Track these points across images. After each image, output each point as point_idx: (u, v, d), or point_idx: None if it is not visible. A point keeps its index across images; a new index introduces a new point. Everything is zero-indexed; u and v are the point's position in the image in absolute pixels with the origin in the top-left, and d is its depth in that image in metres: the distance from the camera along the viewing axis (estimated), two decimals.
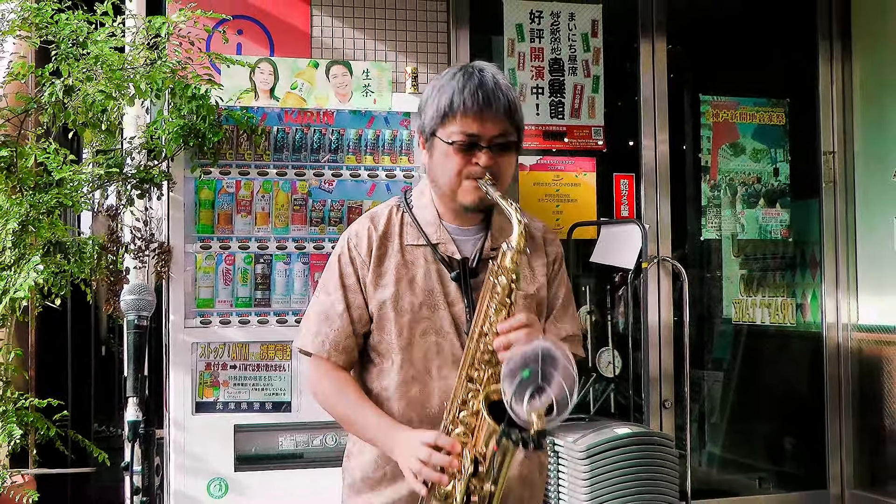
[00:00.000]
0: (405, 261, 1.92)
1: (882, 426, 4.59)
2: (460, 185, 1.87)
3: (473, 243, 1.95)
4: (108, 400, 4.68)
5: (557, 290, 2.02)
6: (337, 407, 1.96)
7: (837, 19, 4.86)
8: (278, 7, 4.10)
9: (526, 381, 1.58)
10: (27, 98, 3.23)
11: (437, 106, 1.87)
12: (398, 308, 1.90)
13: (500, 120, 1.85)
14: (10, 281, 2.89)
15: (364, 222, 1.98)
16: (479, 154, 1.84)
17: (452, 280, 1.90)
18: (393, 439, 1.84)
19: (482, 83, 1.84)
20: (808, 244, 4.99)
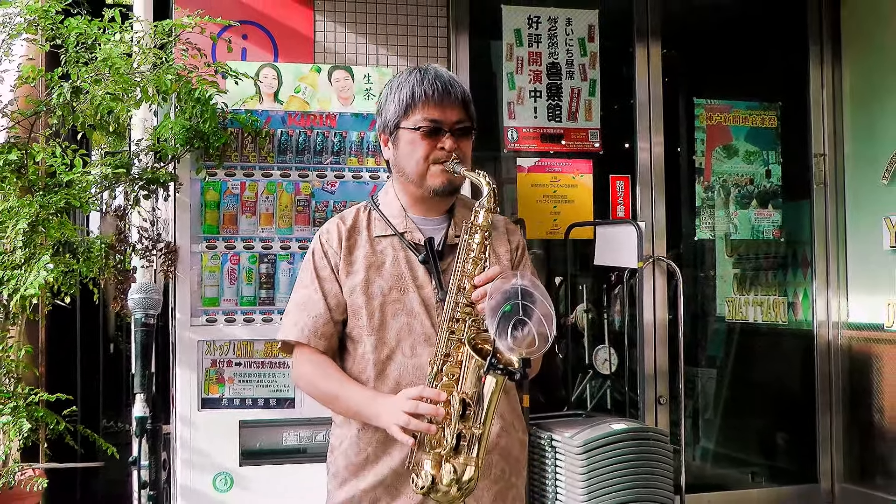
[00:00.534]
0: (374, 250, 2.00)
1: (871, 422, 4.59)
2: (428, 169, 1.96)
3: (438, 231, 2.02)
4: (116, 396, 4.68)
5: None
6: (320, 386, 2.00)
7: (828, 25, 4.86)
8: (282, 13, 4.10)
9: (508, 314, 1.65)
10: (37, 101, 3.22)
11: (398, 100, 1.97)
12: (369, 293, 1.95)
13: (458, 107, 1.96)
14: (20, 280, 2.89)
15: (333, 220, 2.07)
16: (444, 139, 1.94)
17: (420, 262, 1.97)
18: (377, 405, 1.89)
19: (438, 75, 1.97)
20: (799, 244, 4.99)
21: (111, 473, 4.06)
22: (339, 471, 1.99)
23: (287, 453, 3.38)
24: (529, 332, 1.65)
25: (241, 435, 3.34)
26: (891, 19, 4.53)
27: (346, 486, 1.97)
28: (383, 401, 1.87)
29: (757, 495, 4.73)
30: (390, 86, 2.02)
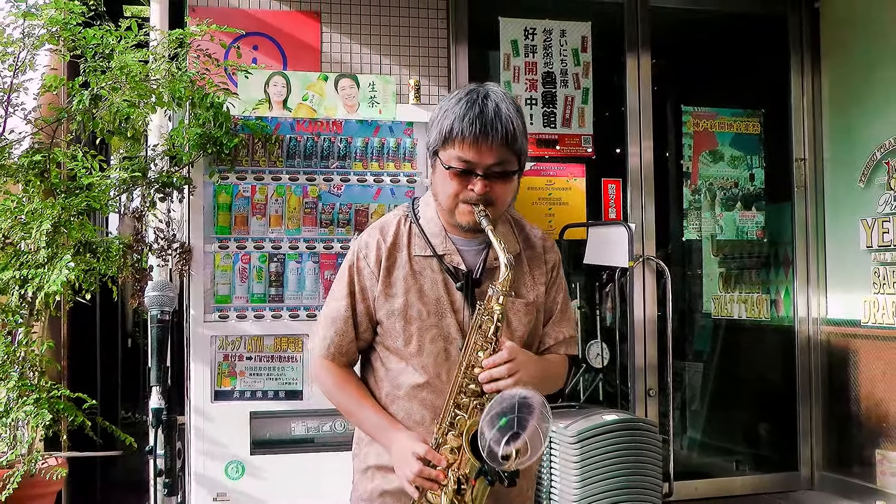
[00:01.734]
0: (413, 271, 1.88)
1: (849, 412, 4.59)
2: (456, 206, 1.82)
3: (477, 253, 1.90)
4: (133, 389, 4.67)
5: (556, 296, 1.99)
6: (337, 399, 1.96)
7: (807, 36, 4.86)
8: (291, 24, 4.09)
9: (503, 428, 1.60)
10: (59, 108, 3.22)
11: (440, 128, 1.81)
12: (407, 317, 1.86)
13: (496, 149, 1.76)
14: (44, 278, 2.88)
15: (374, 234, 1.92)
16: (475, 181, 1.78)
17: (457, 290, 1.86)
18: (389, 438, 1.84)
19: (482, 113, 1.76)
20: (781, 244, 4.99)
21: (129, 462, 4.05)
22: (370, 466, 1.94)
23: (295, 443, 3.38)
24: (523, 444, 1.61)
25: (252, 425, 3.34)
26: (867, 31, 4.53)
27: (374, 482, 1.93)
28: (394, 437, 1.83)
29: (741, 482, 4.73)
30: (441, 106, 1.84)
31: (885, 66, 4.40)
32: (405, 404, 1.88)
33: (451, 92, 1.89)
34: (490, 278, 1.84)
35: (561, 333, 1.98)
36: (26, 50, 3.04)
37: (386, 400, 1.90)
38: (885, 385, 4.38)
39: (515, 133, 1.79)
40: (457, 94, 1.84)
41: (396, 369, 1.89)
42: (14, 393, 3.01)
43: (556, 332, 1.98)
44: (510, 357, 1.73)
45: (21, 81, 3.09)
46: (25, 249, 3.08)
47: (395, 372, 1.89)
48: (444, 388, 1.84)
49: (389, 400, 1.90)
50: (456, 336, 1.85)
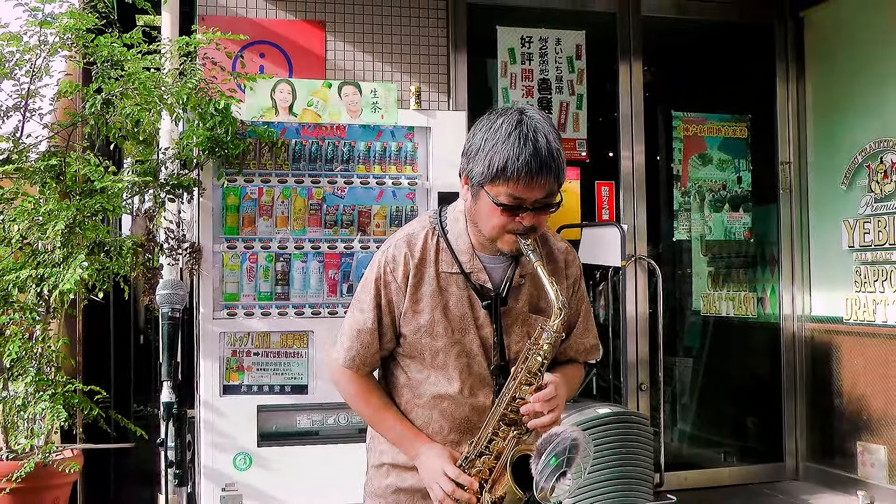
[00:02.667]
0: (440, 287, 1.82)
1: (831, 406, 4.59)
2: (501, 236, 1.75)
3: (503, 270, 1.84)
4: (145, 383, 4.67)
5: (578, 307, 1.95)
6: (362, 410, 1.93)
7: (792, 45, 4.86)
8: (296, 33, 4.08)
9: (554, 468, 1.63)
10: (73, 113, 3.21)
11: (489, 163, 1.69)
12: (433, 333, 1.82)
13: (548, 185, 1.70)
14: (59, 276, 2.87)
15: (401, 247, 1.84)
16: (524, 215, 1.71)
17: (483, 308, 1.81)
18: (416, 449, 1.82)
19: (537, 151, 1.67)
20: (767, 244, 4.99)
21: (141, 454, 4.04)
22: (385, 463, 1.92)
23: (301, 435, 3.37)
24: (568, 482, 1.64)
25: (259, 418, 3.33)
26: (849, 41, 4.53)
27: (388, 479, 1.91)
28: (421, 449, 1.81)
29: (729, 473, 4.73)
30: (486, 135, 1.72)
31: (867, 74, 4.40)
32: (425, 412, 1.85)
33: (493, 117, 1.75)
34: (515, 296, 1.82)
35: (583, 344, 1.96)
36: (42, 57, 3.04)
37: (406, 407, 1.87)
38: (865, 380, 4.38)
39: (563, 164, 1.73)
40: (502, 125, 1.71)
41: (418, 378, 1.86)
42: (31, 388, 3.01)
43: (579, 344, 1.96)
44: (555, 394, 1.72)
45: (37, 87, 3.08)
46: (42, 249, 3.07)
47: (417, 381, 1.86)
48: (464, 401, 1.82)
49: (409, 407, 1.87)
50: (478, 352, 1.82)
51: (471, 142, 1.76)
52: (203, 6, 3.95)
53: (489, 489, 1.73)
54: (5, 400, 3.08)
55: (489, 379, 1.82)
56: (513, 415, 1.73)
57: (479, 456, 1.75)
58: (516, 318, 1.83)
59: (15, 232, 3.05)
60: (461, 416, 1.82)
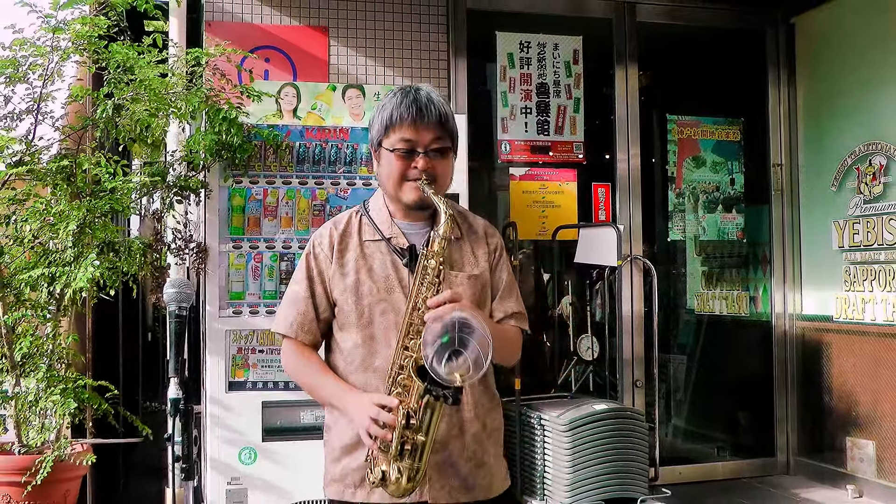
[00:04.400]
0: (364, 254, 1.95)
1: (822, 402, 4.60)
2: (402, 186, 1.91)
3: (422, 236, 1.95)
4: (153, 380, 4.66)
5: (501, 275, 2.04)
6: (303, 377, 1.99)
7: (784, 50, 4.87)
8: (300, 38, 4.09)
9: (444, 345, 1.63)
10: (84, 117, 3.22)
11: (380, 120, 1.92)
12: (358, 293, 1.91)
13: (433, 128, 1.89)
14: (70, 275, 2.88)
15: (328, 225, 2.02)
16: (417, 159, 1.89)
17: (404, 266, 1.92)
18: (347, 401, 1.87)
19: (416, 99, 1.89)
20: (759, 245, 4.99)
21: (149, 448, 4.05)
22: (335, 449, 1.97)
23: (304, 430, 3.37)
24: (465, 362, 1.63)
25: (264, 414, 3.33)
26: (839, 46, 4.54)
27: (340, 463, 1.95)
28: (351, 398, 1.86)
29: (722, 467, 4.73)
30: (379, 104, 1.96)
31: (856, 79, 4.41)
32: (360, 376, 1.90)
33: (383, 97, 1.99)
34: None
35: (509, 307, 2.02)
36: (54, 61, 3.04)
37: (343, 375, 1.94)
38: (854, 377, 4.39)
39: (447, 114, 1.92)
40: (390, 92, 1.96)
41: (349, 346, 1.93)
42: (43, 383, 3.01)
43: (504, 307, 2.02)
44: (453, 297, 1.77)
45: (49, 91, 3.08)
46: (53, 249, 3.08)
47: (349, 349, 1.93)
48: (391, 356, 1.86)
49: (345, 375, 1.93)
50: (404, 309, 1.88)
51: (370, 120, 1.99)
52: (210, 12, 3.96)
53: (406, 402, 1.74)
54: (18, 396, 3.09)
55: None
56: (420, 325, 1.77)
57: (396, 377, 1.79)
58: None
59: (27, 232, 3.06)
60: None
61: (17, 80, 3.04)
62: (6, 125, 3.09)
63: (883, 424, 4.21)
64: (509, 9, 4.50)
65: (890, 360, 4.16)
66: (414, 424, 1.73)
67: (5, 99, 3.09)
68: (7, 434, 3.21)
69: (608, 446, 3.44)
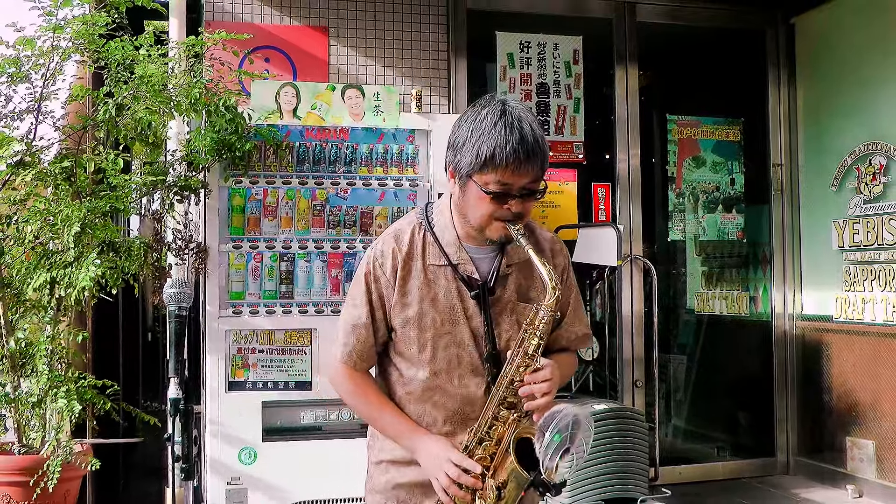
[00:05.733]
0: (428, 280, 1.82)
1: (821, 402, 4.59)
2: (490, 224, 1.75)
3: (490, 261, 1.84)
4: (153, 379, 4.66)
5: (567, 296, 1.92)
6: (360, 407, 1.92)
7: (784, 50, 4.87)
8: (300, 38, 4.08)
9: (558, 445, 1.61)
10: (85, 117, 3.21)
11: (476, 152, 1.70)
12: (422, 325, 1.81)
13: (534, 172, 1.71)
14: (72, 276, 2.87)
15: (389, 242, 1.85)
16: (512, 202, 1.72)
17: (471, 298, 1.80)
18: (414, 441, 1.81)
19: (523, 139, 1.69)
20: (759, 245, 4.99)
21: (149, 448, 4.04)
22: (384, 460, 1.91)
23: (304, 430, 3.37)
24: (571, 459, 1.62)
25: (264, 414, 3.33)
26: (839, 46, 4.53)
27: (387, 475, 1.89)
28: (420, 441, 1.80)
29: (722, 467, 4.73)
30: (472, 126, 1.72)
31: (856, 79, 4.41)
32: (418, 407, 1.84)
33: (476, 109, 1.76)
34: (502, 285, 1.81)
35: (574, 333, 1.95)
36: (55, 61, 3.04)
37: (400, 402, 1.86)
38: (854, 377, 4.38)
39: (547, 152, 1.75)
40: (487, 115, 1.72)
41: (409, 374, 1.85)
42: (46, 385, 3.00)
43: (570, 333, 1.94)
44: (551, 376, 1.70)
45: (51, 91, 3.07)
46: (54, 249, 3.07)
47: (409, 377, 1.85)
48: (455, 391, 1.81)
49: (403, 402, 1.86)
50: (468, 342, 1.81)
51: (456, 134, 1.77)
52: (210, 12, 3.95)
53: (492, 474, 1.71)
54: (19, 397, 3.08)
55: (481, 369, 1.80)
56: (511, 398, 1.72)
57: (479, 442, 1.74)
58: (505, 306, 1.82)
59: (28, 232, 3.05)
60: (453, 407, 1.81)
61: (19, 79, 3.03)
62: (7, 124, 3.08)
63: (883, 424, 4.20)
64: (509, 9, 4.49)
65: (890, 360, 4.15)
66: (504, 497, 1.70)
67: (6, 98, 3.08)
68: (7, 434, 3.20)
69: (608, 446, 3.44)
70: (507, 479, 1.71)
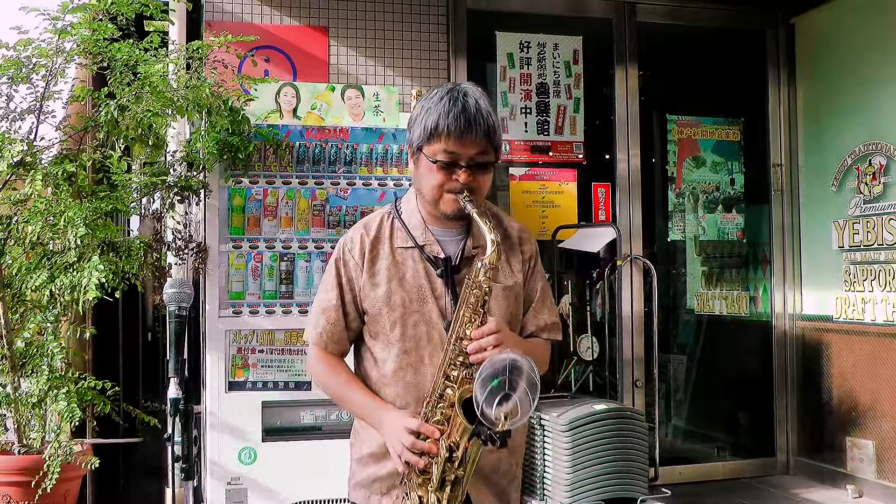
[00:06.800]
0: (395, 261, 1.89)
1: (821, 402, 4.59)
2: (441, 196, 1.84)
3: (456, 244, 1.91)
4: (153, 380, 4.66)
5: (534, 285, 1.98)
6: (329, 386, 1.95)
7: (783, 50, 4.87)
8: (300, 38, 4.08)
9: (495, 389, 1.59)
10: (86, 117, 3.21)
11: (424, 125, 1.82)
12: (391, 304, 1.86)
13: (479, 142, 1.80)
14: (74, 278, 2.87)
15: (358, 229, 1.94)
16: (459, 172, 1.81)
17: (438, 276, 1.86)
18: (379, 418, 1.83)
19: (465, 108, 1.79)
20: (759, 245, 4.99)
21: (149, 448, 4.04)
22: (364, 456, 1.94)
23: (304, 430, 3.38)
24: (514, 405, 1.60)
25: (264, 414, 3.34)
26: (839, 46, 4.54)
27: (368, 469, 1.93)
28: (384, 416, 1.82)
29: (722, 467, 4.73)
30: (422, 105, 1.86)
31: (856, 79, 4.41)
32: (391, 390, 1.87)
33: (429, 92, 1.88)
34: (468, 266, 1.86)
35: (542, 320, 1.98)
36: (58, 62, 3.04)
37: (375, 387, 1.90)
38: (854, 377, 4.38)
39: (494, 127, 1.83)
40: (436, 93, 1.85)
41: (382, 357, 1.89)
42: (46, 385, 3.00)
43: (538, 319, 1.97)
44: (497, 328, 1.74)
45: (52, 91, 3.08)
46: (54, 249, 3.07)
47: (382, 360, 1.89)
48: (425, 369, 1.84)
49: (378, 387, 1.89)
50: (437, 321, 1.85)
51: (411, 115, 1.89)
52: (210, 12, 3.95)
53: (447, 434, 1.72)
54: (20, 397, 3.08)
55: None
56: (462, 357, 1.74)
57: (436, 405, 1.76)
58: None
59: (29, 233, 3.05)
60: (425, 386, 1.82)
61: (20, 80, 3.03)
62: (8, 125, 3.08)
63: (883, 424, 4.20)
64: (509, 9, 4.49)
65: (890, 360, 4.15)
66: (456, 458, 1.70)
67: (8, 98, 3.08)
68: (7, 434, 3.21)
69: (608, 446, 3.43)
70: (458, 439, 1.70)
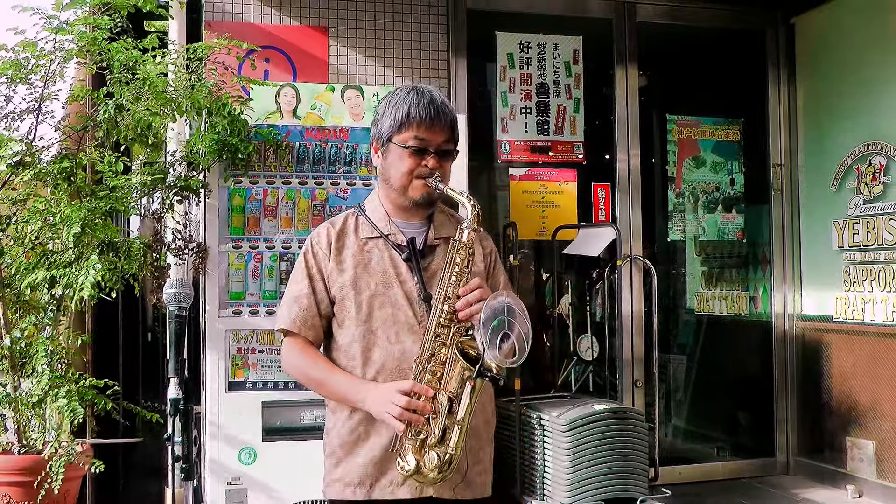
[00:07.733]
0: (361, 250, 1.99)
1: (821, 402, 4.59)
2: (411, 182, 1.95)
3: (419, 234, 2.00)
4: (153, 380, 4.66)
5: (498, 278, 2.09)
6: (309, 373, 2.00)
7: (783, 50, 4.87)
8: (300, 38, 4.08)
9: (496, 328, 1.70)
10: (85, 117, 3.21)
11: (394, 116, 1.95)
12: (357, 287, 1.95)
13: (445, 131, 1.95)
14: (72, 277, 2.87)
15: (324, 225, 2.06)
16: (428, 158, 1.94)
17: (404, 261, 1.96)
18: (363, 392, 1.89)
19: (432, 100, 1.95)
20: (759, 245, 4.99)
21: (149, 448, 4.04)
22: (335, 450, 1.99)
23: (304, 430, 3.37)
24: (512, 345, 1.70)
25: (264, 414, 3.33)
26: (839, 46, 4.54)
27: (340, 465, 1.97)
28: (369, 388, 1.88)
29: (722, 467, 4.73)
30: (388, 100, 2.00)
31: (856, 79, 4.41)
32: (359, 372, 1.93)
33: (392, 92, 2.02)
34: (432, 253, 1.98)
35: None
36: (56, 62, 3.04)
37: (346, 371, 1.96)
38: (854, 377, 4.38)
39: (456, 120, 2.00)
40: (400, 91, 2.00)
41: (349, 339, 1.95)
42: (46, 385, 3.00)
43: None
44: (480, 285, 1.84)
45: (51, 91, 3.08)
46: (54, 249, 3.07)
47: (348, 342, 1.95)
48: (391, 347, 1.91)
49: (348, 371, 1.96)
50: (403, 303, 1.94)
51: (376, 114, 2.03)
52: (210, 12, 3.95)
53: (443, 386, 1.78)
54: (20, 398, 3.08)
55: (417, 328, 1.91)
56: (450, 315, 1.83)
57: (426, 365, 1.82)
58: (434, 273, 1.95)
59: (28, 233, 3.05)
60: (393, 365, 1.90)
61: (18, 80, 3.03)
62: (7, 125, 3.09)
63: (883, 424, 4.20)
64: (509, 9, 4.49)
65: (890, 360, 4.16)
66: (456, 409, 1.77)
67: (6, 99, 3.08)
68: (7, 434, 3.21)
69: (608, 446, 3.44)
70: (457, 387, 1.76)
